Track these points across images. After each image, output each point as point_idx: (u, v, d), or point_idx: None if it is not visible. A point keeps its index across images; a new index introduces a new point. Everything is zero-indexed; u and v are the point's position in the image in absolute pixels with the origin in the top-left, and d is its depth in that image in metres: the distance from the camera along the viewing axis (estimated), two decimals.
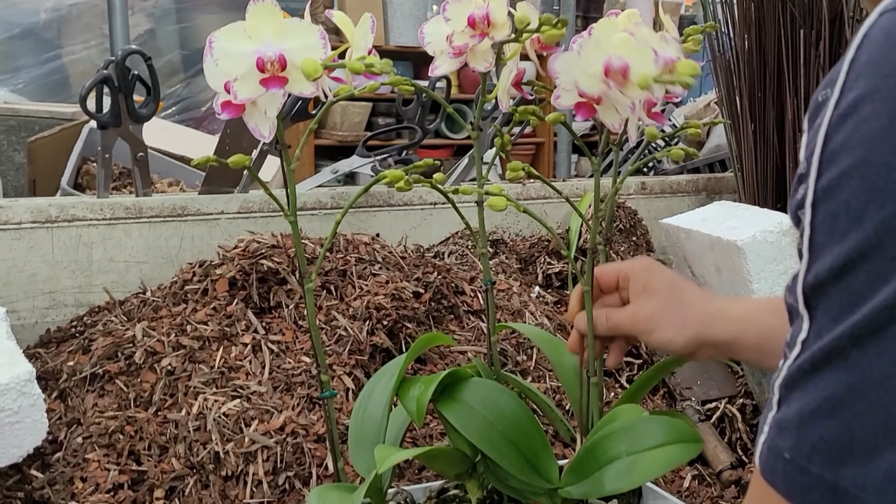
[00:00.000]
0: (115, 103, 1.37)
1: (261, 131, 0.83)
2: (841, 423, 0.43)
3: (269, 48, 0.78)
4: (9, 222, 1.36)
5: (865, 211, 0.42)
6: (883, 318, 0.42)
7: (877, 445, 0.42)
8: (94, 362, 1.21)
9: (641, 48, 0.87)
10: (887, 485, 0.42)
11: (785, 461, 0.45)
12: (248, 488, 1.10)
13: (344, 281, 1.28)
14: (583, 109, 0.92)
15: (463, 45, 0.97)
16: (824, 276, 0.44)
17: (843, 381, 0.43)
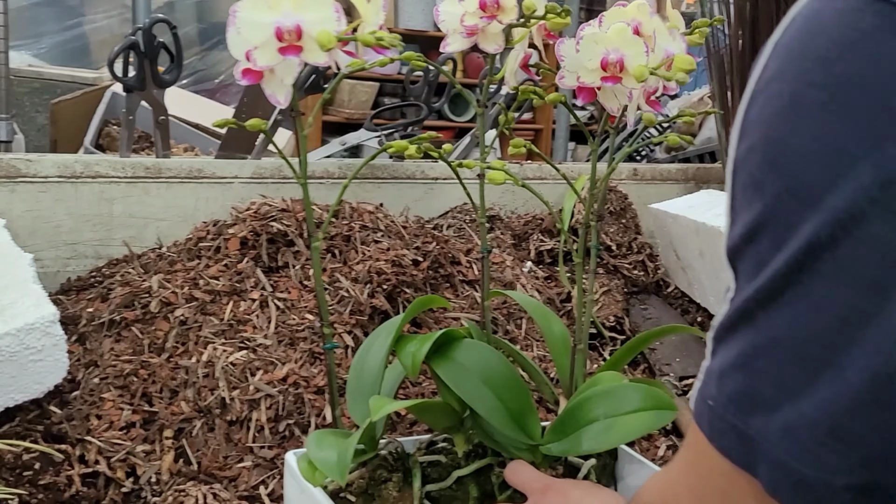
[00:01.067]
0: (140, 68, 1.41)
1: (277, 98, 0.86)
2: (748, 377, 0.45)
3: (288, 19, 0.81)
4: (36, 176, 1.40)
5: (764, 183, 0.44)
6: (780, 283, 0.43)
7: (776, 400, 0.44)
8: (112, 310, 1.25)
9: (636, 41, 0.91)
10: (784, 435, 0.43)
11: (709, 407, 0.48)
12: (250, 433, 1.14)
13: (348, 246, 1.32)
14: (584, 93, 0.95)
15: (474, 26, 1.00)
16: (738, 240, 0.46)
17: (751, 339, 0.45)
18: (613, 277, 1.64)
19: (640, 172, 1.90)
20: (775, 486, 0.44)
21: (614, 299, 1.59)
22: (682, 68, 0.94)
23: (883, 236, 0.41)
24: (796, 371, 0.43)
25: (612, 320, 1.56)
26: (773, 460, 0.44)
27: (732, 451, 0.46)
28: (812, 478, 0.43)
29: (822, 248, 0.42)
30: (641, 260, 1.68)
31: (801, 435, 0.43)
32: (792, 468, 0.43)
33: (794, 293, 0.43)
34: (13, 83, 3.07)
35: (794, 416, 0.43)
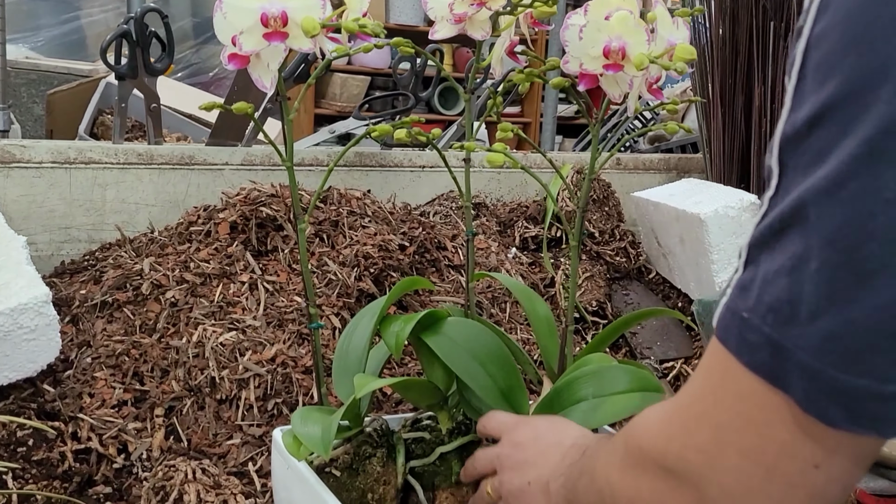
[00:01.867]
0: (132, 57, 1.41)
1: (263, 82, 0.87)
2: (795, 282, 0.41)
3: (273, 5, 0.81)
4: (31, 161, 1.40)
5: (843, 60, 0.40)
6: (843, 174, 0.39)
7: (820, 307, 0.40)
8: (105, 291, 1.26)
9: (638, 29, 0.91)
10: (826, 343, 0.40)
11: (741, 320, 0.43)
12: (240, 411, 1.15)
13: (336, 231, 1.32)
14: (586, 79, 0.94)
15: (463, 13, 1.00)
16: (800, 125, 0.42)
17: (802, 240, 0.41)
18: (596, 263, 1.64)
19: (623, 162, 1.91)
20: (811, 399, 0.41)
21: (597, 285, 1.60)
22: (683, 58, 0.93)
23: None
24: (848, 274, 0.39)
25: (594, 305, 1.56)
26: (810, 371, 0.40)
27: (763, 365, 0.42)
28: (856, 387, 0.39)
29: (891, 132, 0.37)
30: (624, 247, 1.69)
31: (848, 342, 0.39)
32: (833, 378, 0.40)
33: (859, 185, 0.39)
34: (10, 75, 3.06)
35: (840, 323, 0.39)
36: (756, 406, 0.43)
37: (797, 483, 0.43)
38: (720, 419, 0.45)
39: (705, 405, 0.46)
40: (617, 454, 0.55)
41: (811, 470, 0.43)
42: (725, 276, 1.54)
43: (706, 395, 0.46)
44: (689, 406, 0.48)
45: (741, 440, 0.44)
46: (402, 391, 1.07)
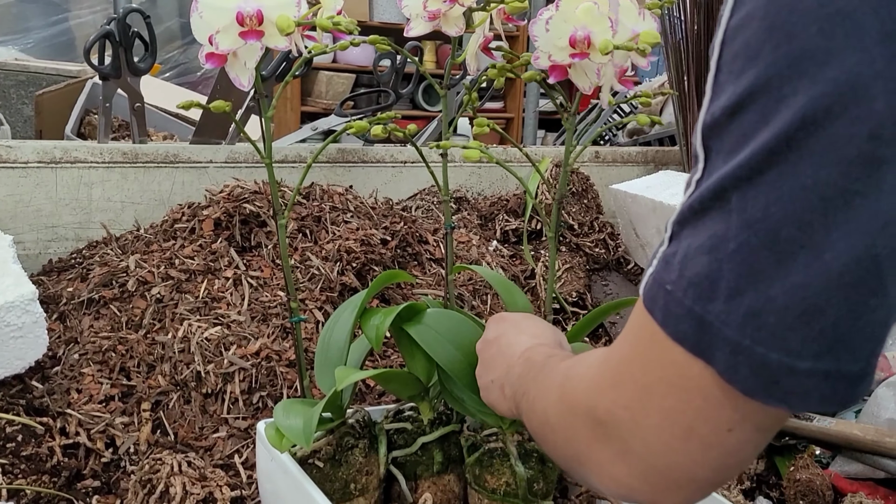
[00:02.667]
0: (115, 57, 1.39)
1: (241, 80, 0.86)
2: (714, 261, 0.42)
3: (249, 4, 0.81)
4: (17, 161, 1.39)
5: (761, 50, 0.40)
6: (762, 161, 0.40)
7: (740, 285, 0.41)
8: (91, 288, 1.25)
9: (602, 17, 0.91)
10: (748, 320, 0.41)
11: (666, 292, 0.44)
12: (225, 405, 1.14)
13: (318, 226, 1.32)
14: (556, 71, 0.94)
15: (437, 10, 1.00)
16: (719, 114, 0.43)
17: (722, 221, 0.42)
18: (576, 255, 1.65)
19: (601, 155, 1.91)
20: (734, 371, 0.42)
21: (576, 276, 1.60)
22: (648, 41, 0.94)
23: (883, 115, 0.37)
24: (768, 255, 0.40)
25: (574, 296, 1.57)
26: (733, 345, 0.41)
27: (688, 337, 0.43)
28: (775, 361, 0.41)
29: (815, 124, 0.39)
30: (603, 238, 1.69)
31: (768, 319, 0.40)
32: (754, 352, 0.41)
33: (777, 172, 0.40)
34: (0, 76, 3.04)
35: (762, 301, 0.40)
36: (678, 373, 0.45)
37: (712, 444, 0.45)
38: (645, 381, 0.47)
39: (632, 367, 0.48)
40: (554, 394, 0.58)
41: (724, 433, 0.45)
42: None
43: (634, 358, 0.48)
44: (618, 365, 0.50)
45: (663, 402, 0.46)
46: (384, 383, 1.07)
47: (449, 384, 0.98)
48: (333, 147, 1.55)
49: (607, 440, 0.50)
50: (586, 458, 0.52)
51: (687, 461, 0.46)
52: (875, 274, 0.39)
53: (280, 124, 3.78)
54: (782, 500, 1.21)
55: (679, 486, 0.47)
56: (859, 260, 0.39)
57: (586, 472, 0.53)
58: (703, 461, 0.46)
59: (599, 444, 0.50)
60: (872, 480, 1.18)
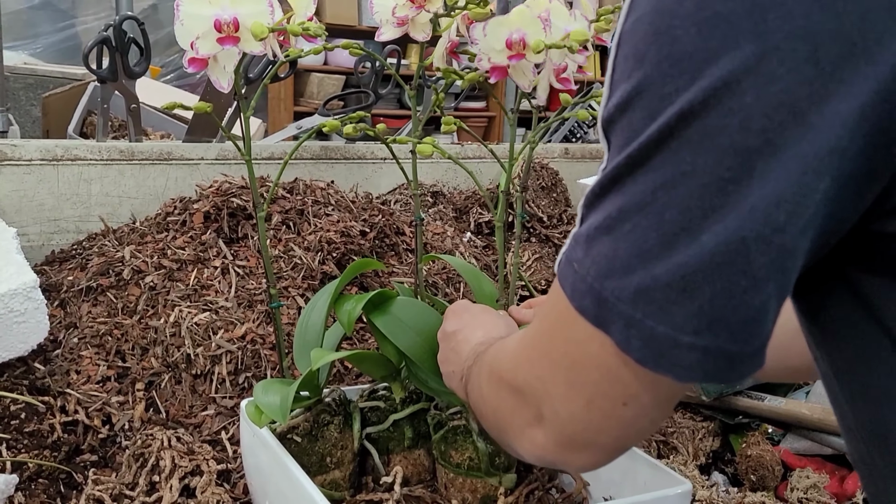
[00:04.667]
0: (112, 61, 1.40)
1: (220, 83, 0.87)
2: (611, 241, 0.43)
3: (226, 11, 0.82)
4: (21, 159, 1.39)
5: (647, 52, 0.42)
6: (650, 150, 0.42)
7: (631, 264, 0.42)
8: (90, 277, 1.26)
9: (534, 20, 0.93)
10: (638, 296, 0.42)
11: (573, 270, 0.46)
12: (213, 385, 1.15)
13: (301, 219, 1.33)
14: (496, 72, 0.96)
15: (404, 16, 1.01)
16: (613, 111, 0.44)
17: (617, 203, 0.43)
18: (545, 246, 1.66)
19: (570, 151, 1.92)
20: (628, 342, 0.43)
21: (545, 265, 1.62)
22: (577, 39, 0.95)
23: (752, 107, 0.39)
24: (655, 236, 0.42)
25: (543, 284, 1.58)
26: (626, 319, 0.43)
27: (589, 311, 0.45)
28: (662, 334, 0.42)
29: (693, 116, 0.40)
30: (571, 230, 1.71)
31: (655, 295, 0.42)
32: (644, 325, 0.42)
33: (661, 159, 0.41)
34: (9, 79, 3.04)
35: (649, 279, 0.42)
36: (581, 348, 0.46)
37: (610, 415, 0.47)
38: (554, 355, 0.49)
39: (545, 341, 0.50)
40: (486, 369, 0.61)
41: (621, 406, 0.46)
42: None
43: (546, 332, 0.50)
44: (532, 340, 0.52)
45: (567, 375, 0.48)
46: (357, 363, 1.09)
47: (414, 368, 0.99)
48: (317, 144, 1.56)
49: (526, 407, 0.52)
50: (509, 424, 0.54)
51: (589, 429, 0.48)
52: (744, 256, 0.40)
53: (274, 123, 3.77)
54: (736, 474, 1.23)
55: (584, 449, 0.49)
56: (729, 242, 0.40)
57: (511, 439, 0.55)
58: (604, 430, 0.48)
59: (520, 412, 0.52)
60: (820, 456, 1.20)
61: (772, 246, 0.40)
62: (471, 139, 2.42)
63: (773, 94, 0.39)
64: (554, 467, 0.54)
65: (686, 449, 1.24)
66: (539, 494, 1.01)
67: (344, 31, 4.03)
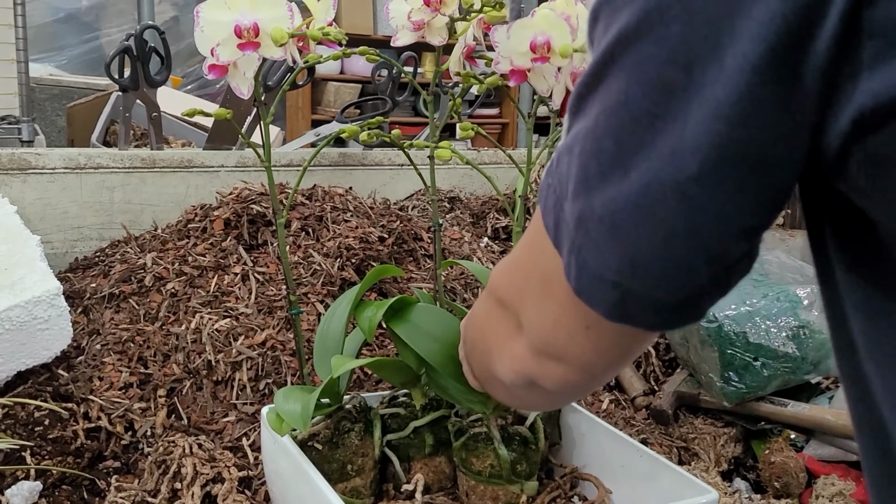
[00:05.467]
0: (133, 70, 1.38)
1: (241, 89, 0.85)
2: (569, 163, 0.41)
3: (245, 17, 0.80)
4: (45, 167, 1.38)
5: None
6: (596, 74, 0.39)
7: (578, 189, 0.40)
8: (112, 284, 1.24)
9: (560, 22, 0.89)
10: (578, 224, 0.40)
11: (547, 186, 0.44)
12: (234, 391, 1.13)
13: (320, 225, 1.30)
14: (516, 76, 0.93)
15: (420, 21, 0.98)
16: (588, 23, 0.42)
17: (577, 125, 0.41)
18: None
19: None
20: (568, 267, 0.42)
21: None
22: None
23: (677, 37, 0.36)
24: (595, 164, 0.39)
25: None
26: (570, 243, 0.42)
27: (550, 229, 0.44)
28: (592, 267, 0.41)
29: (627, 40, 0.37)
30: None
31: (590, 226, 0.40)
32: (581, 254, 0.41)
33: (604, 85, 0.39)
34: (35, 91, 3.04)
35: (587, 208, 0.40)
36: (546, 263, 0.45)
37: (574, 336, 0.45)
38: (527, 269, 0.48)
39: (521, 255, 0.50)
40: (480, 297, 0.60)
41: (583, 330, 0.45)
42: None
43: (524, 247, 0.50)
44: (515, 251, 0.52)
45: (539, 288, 0.46)
46: (377, 370, 1.06)
47: (433, 374, 0.97)
48: (336, 151, 1.54)
49: (508, 319, 0.51)
50: (493, 340, 0.54)
51: (557, 344, 0.47)
52: (662, 202, 0.37)
53: (292, 131, 3.76)
54: (758, 481, 1.19)
55: (557, 362, 0.48)
56: (650, 185, 0.37)
57: (494, 359, 0.54)
58: (570, 349, 0.46)
59: (503, 324, 0.52)
60: (845, 463, 1.16)
61: (686, 197, 0.37)
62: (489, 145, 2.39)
63: (696, 27, 0.35)
64: (531, 384, 0.52)
65: (707, 455, 1.20)
66: (561, 502, 0.98)
67: (360, 40, 4.01)
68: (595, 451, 1.03)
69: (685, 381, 1.33)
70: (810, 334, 1.23)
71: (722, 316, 1.20)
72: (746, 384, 1.21)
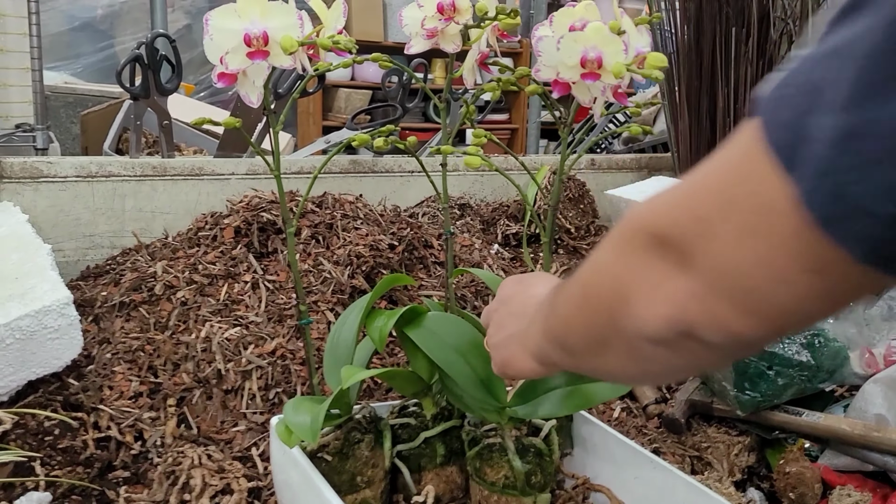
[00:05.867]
0: (144, 78, 1.37)
1: (250, 98, 0.83)
2: (834, 68, 0.34)
3: (255, 26, 0.78)
4: (56, 176, 1.37)
5: None
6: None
7: (853, 96, 0.33)
8: (123, 293, 1.22)
9: (614, 39, 0.86)
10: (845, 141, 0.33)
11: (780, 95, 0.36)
12: (244, 401, 1.11)
13: (330, 232, 1.28)
14: (559, 87, 0.90)
15: (434, 28, 0.97)
16: None
17: (859, 23, 0.34)
18: (573, 257, 1.61)
19: (597, 162, 1.87)
20: (811, 194, 0.34)
21: None
22: (655, 65, 0.88)
23: None
24: (882, 74, 0.32)
25: None
26: (820, 165, 0.34)
27: (781, 148, 0.35)
28: (856, 194, 0.33)
29: None
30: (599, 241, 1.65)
31: (866, 145, 0.32)
32: (840, 178, 0.33)
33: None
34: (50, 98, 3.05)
35: (865, 122, 0.32)
36: (757, 190, 0.36)
37: (787, 279, 0.37)
38: (721, 198, 0.38)
39: (708, 183, 0.40)
40: (607, 241, 0.48)
41: (801, 273, 0.36)
42: None
43: (712, 174, 0.40)
44: (703, 177, 0.40)
45: (736, 220, 0.37)
46: (387, 380, 1.04)
47: (448, 382, 0.94)
48: (346, 158, 1.52)
49: (665, 257, 0.41)
50: (638, 284, 0.43)
51: (751, 288, 0.38)
52: None
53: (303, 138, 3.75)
54: (773, 491, 1.16)
55: (738, 308, 0.39)
56: None
57: (636, 306, 0.43)
58: (769, 296, 0.37)
59: (657, 264, 0.41)
60: (861, 473, 1.13)
61: None
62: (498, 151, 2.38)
63: None
64: (683, 336, 0.42)
65: (721, 464, 1.17)
66: None
67: (371, 47, 3.99)
68: (607, 462, 1.01)
69: (698, 389, 1.30)
70: (825, 342, 1.20)
71: None
72: (761, 393, 1.18)
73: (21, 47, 2.44)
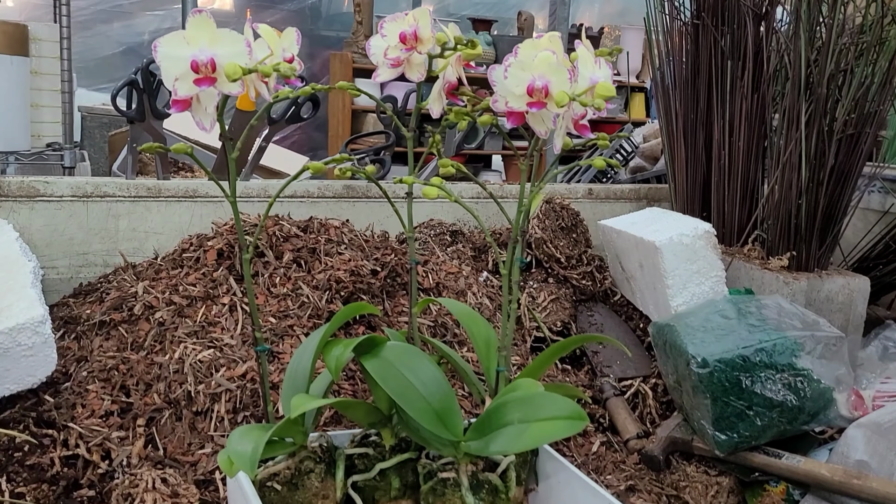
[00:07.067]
0: (140, 102, 1.36)
1: (203, 124, 0.80)
2: None
3: (203, 53, 0.75)
4: (53, 195, 1.36)
5: None
6: None
7: None
8: (104, 311, 1.20)
9: (560, 68, 0.82)
10: None
11: None
12: (212, 423, 1.08)
13: (313, 257, 1.25)
14: (513, 117, 0.86)
15: (397, 58, 0.94)
16: None
17: None
18: (563, 286, 1.55)
19: (595, 192, 1.81)
20: None
21: (562, 306, 1.50)
22: (602, 95, 0.85)
23: None
24: None
25: (559, 325, 1.47)
26: None
27: None
28: None
29: None
30: (590, 271, 1.59)
31: None
32: None
33: None
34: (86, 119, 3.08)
35: None
36: None
37: None
38: None
39: None
40: None
41: None
42: (680, 300, 1.42)
43: None
44: None
45: None
46: (343, 410, 1.00)
47: (403, 415, 0.90)
48: (339, 183, 1.49)
49: None
50: None
51: None
52: None
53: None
54: None
55: None
56: None
57: None
58: None
59: None
60: None
61: None
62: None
63: None
64: None
65: None
66: None
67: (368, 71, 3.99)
68: (571, 502, 0.94)
69: (679, 426, 1.23)
70: (808, 383, 1.13)
71: (714, 362, 1.11)
72: (739, 433, 1.11)
73: (53, 70, 2.48)
